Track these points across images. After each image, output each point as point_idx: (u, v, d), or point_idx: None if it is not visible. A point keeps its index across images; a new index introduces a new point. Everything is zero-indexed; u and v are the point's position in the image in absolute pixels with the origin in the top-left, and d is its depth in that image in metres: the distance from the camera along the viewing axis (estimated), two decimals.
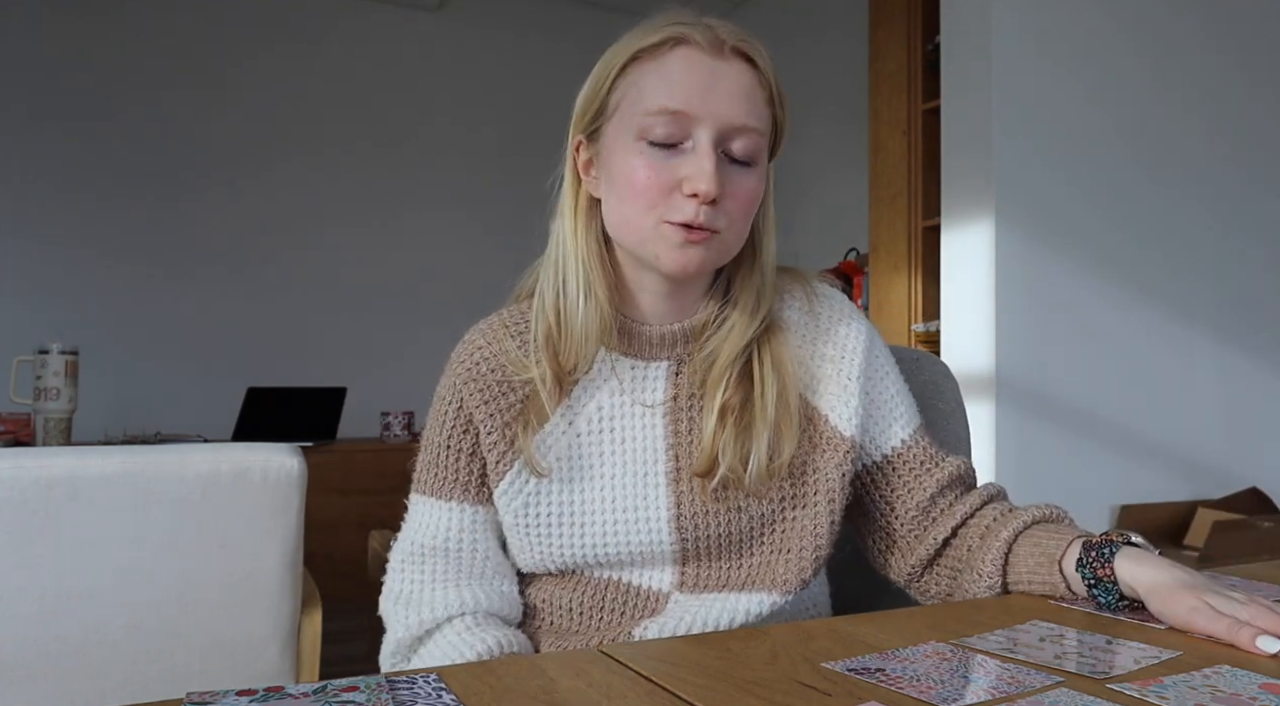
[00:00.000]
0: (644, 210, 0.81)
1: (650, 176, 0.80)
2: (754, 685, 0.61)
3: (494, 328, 0.91)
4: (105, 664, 1.14)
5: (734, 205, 0.82)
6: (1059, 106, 2.41)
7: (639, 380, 0.89)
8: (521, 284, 0.95)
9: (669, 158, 0.81)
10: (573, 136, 0.89)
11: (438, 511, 0.89)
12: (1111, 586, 0.77)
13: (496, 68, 4.58)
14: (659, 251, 0.82)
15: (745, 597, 0.86)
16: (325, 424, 3.53)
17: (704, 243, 0.82)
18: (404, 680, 0.61)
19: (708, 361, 0.88)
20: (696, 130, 0.80)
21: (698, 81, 0.80)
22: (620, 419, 0.88)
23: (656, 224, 0.81)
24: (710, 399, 0.87)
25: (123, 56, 3.98)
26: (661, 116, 0.80)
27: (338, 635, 1.84)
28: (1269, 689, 0.60)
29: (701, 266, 0.83)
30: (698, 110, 0.80)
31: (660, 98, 0.80)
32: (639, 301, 0.89)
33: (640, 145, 0.81)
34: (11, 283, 3.79)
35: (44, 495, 1.11)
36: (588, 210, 0.88)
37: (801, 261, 4.02)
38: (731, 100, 0.81)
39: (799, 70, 4.27)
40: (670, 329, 0.89)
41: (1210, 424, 2.64)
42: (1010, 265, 2.33)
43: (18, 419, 2.61)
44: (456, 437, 0.88)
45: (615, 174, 0.83)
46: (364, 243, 4.34)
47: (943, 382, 1.13)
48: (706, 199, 0.79)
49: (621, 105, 0.83)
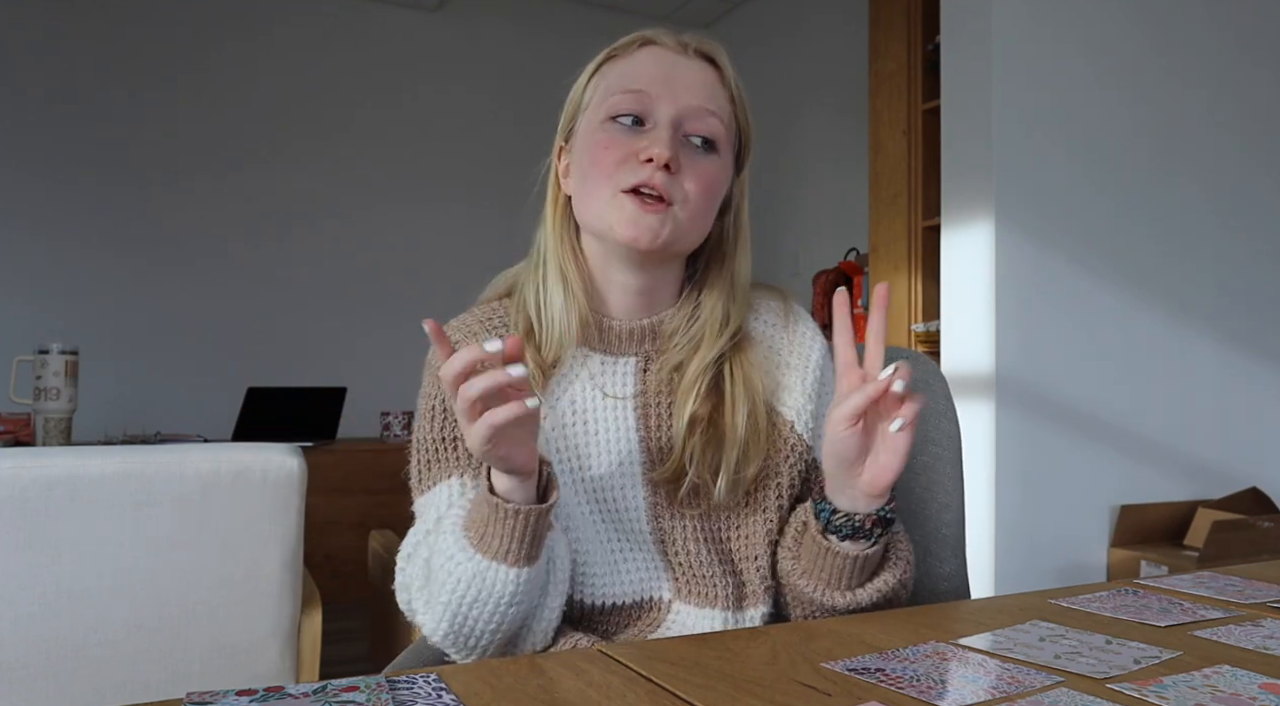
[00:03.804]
0: (603, 180, 0.85)
1: (611, 149, 0.85)
2: (754, 685, 0.61)
3: (470, 324, 0.92)
4: (105, 664, 1.14)
5: (692, 183, 0.85)
6: (1059, 106, 2.41)
7: (608, 374, 0.91)
8: (491, 287, 0.97)
9: (630, 134, 0.85)
10: (556, 143, 0.94)
11: (442, 492, 0.86)
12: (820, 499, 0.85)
13: (497, 67, 4.58)
14: (613, 221, 0.85)
15: (736, 615, 0.88)
16: (325, 424, 3.53)
17: (659, 214, 0.84)
18: (404, 680, 0.61)
19: (674, 367, 0.90)
20: (657, 109, 0.86)
21: (661, 70, 0.87)
22: (593, 411, 0.90)
23: (614, 194, 0.85)
24: (680, 407, 0.89)
25: (125, 57, 3.98)
26: (625, 95, 0.86)
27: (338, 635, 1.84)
28: (1269, 689, 0.60)
29: (654, 239, 0.84)
30: (659, 91, 0.86)
31: (625, 82, 0.87)
32: (608, 296, 0.92)
33: (605, 125, 0.86)
34: (11, 282, 3.79)
35: (44, 495, 1.11)
36: (564, 210, 0.92)
37: (802, 261, 4.04)
38: (691, 87, 0.87)
39: (799, 70, 4.27)
40: (639, 324, 0.91)
41: (1210, 424, 2.64)
42: (1010, 265, 2.33)
43: (18, 419, 2.61)
44: (446, 428, 0.88)
45: (582, 156, 0.88)
46: (364, 243, 4.35)
47: (933, 381, 1.14)
48: (660, 161, 0.83)
49: (593, 101, 0.89)
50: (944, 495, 1.10)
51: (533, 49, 4.58)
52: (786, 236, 4.22)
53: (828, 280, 3.52)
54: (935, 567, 1.08)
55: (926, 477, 1.11)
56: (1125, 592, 0.90)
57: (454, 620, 0.76)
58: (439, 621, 0.78)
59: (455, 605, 0.76)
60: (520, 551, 0.74)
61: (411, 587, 0.82)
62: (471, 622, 0.76)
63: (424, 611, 0.80)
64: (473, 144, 4.50)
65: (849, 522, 0.83)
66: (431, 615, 0.78)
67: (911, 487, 1.09)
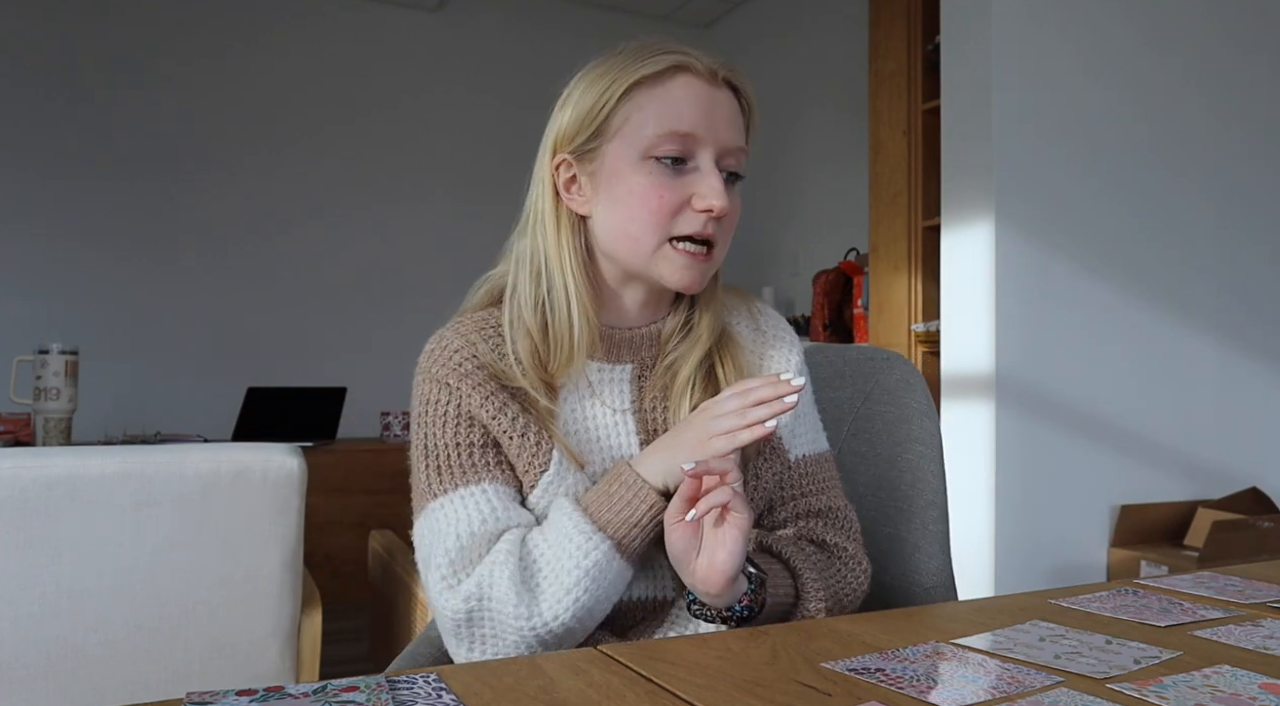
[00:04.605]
0: (653, 227, 0.86)
1: (663, 195, 0.85)
2: (754, 685, 0.61)
3: (465, 333, 0.90)
4: (105, 664, 1.14)
5: (727, 221, 0.88)
6: (1059, 106, 2.41)
7: (605, 383, 0.92)
8: (471, 297, 0.96)
9: (675, 177, 0.86)
10: (553, 155, 0.90)
11: (475, 496, 0.85)
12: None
13: (497, 67, 4.58)
14: (664, 271, 0.87)
15: None
16: (325, 424, 3.53)
17: (705, 263, 0.88)
18: (404, 680, 0.61)
19: (670, 370, 0.92)
20: (700, 151, 0.86)
21: (701, 110, 0.87)
22: (595, 420, 0.91)
23: (662, 242, 0.86)
24: (676, 406, 0.90)
25: (126, 57, 3.98)
26: (671, 138, 0.85)
27: (338, 635, 1.84)
28: (1269, 689, 0.60)
29: (702, 283, 0.89)
30: (703, 133, 0.86)
31: (669, 122, 0.86)
32: (614, 307, 0.93)
33: (648, 165, 0.86)
34: (11, 282, 3.79)
35: (44, 495, 1.11)
36: (572, 226, 0.90)
37: (802, 261, 4.04)
38: (727, 125, 0.88)
39: (799, 70, 4.27)
40: (640, 332, 0.93)
41: (1210, 424, 2.64)
42: (1010, 265, 2.33)
43: (18, 419, 2.61)
44: (464, 432, 0.86)
45: (621, 193, 0.87)
46: (364, 243, 4.35)
47: (913, 381, 1.16)
48: (721, 214, 0.86)
49: (625, 128, 0.87)
50: (930, 492, 1.12)
51: (533, 49, 4.58)
52: (786, 236, 4.22)
53: (828, 280, 3.52)
54: (924, 563, 1.09)
55: (912, 475, 1.12)
56: (1125, 592, 0.90)
57: (579, 611, 0.80)
58: (559, 613, 0.79)
59: (590, 594, 0.80)
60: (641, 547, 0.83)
61: (493, 585, 0.80)
62: (596, 614, 0.82)
63: (530, 603, 0.79)
64: (473, 144, 4.50)
65: (703, 612, 0.84)
66: (549, 608, 0.79)
67: (898, 485, 1.11)
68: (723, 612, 0.82)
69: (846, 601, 0.91)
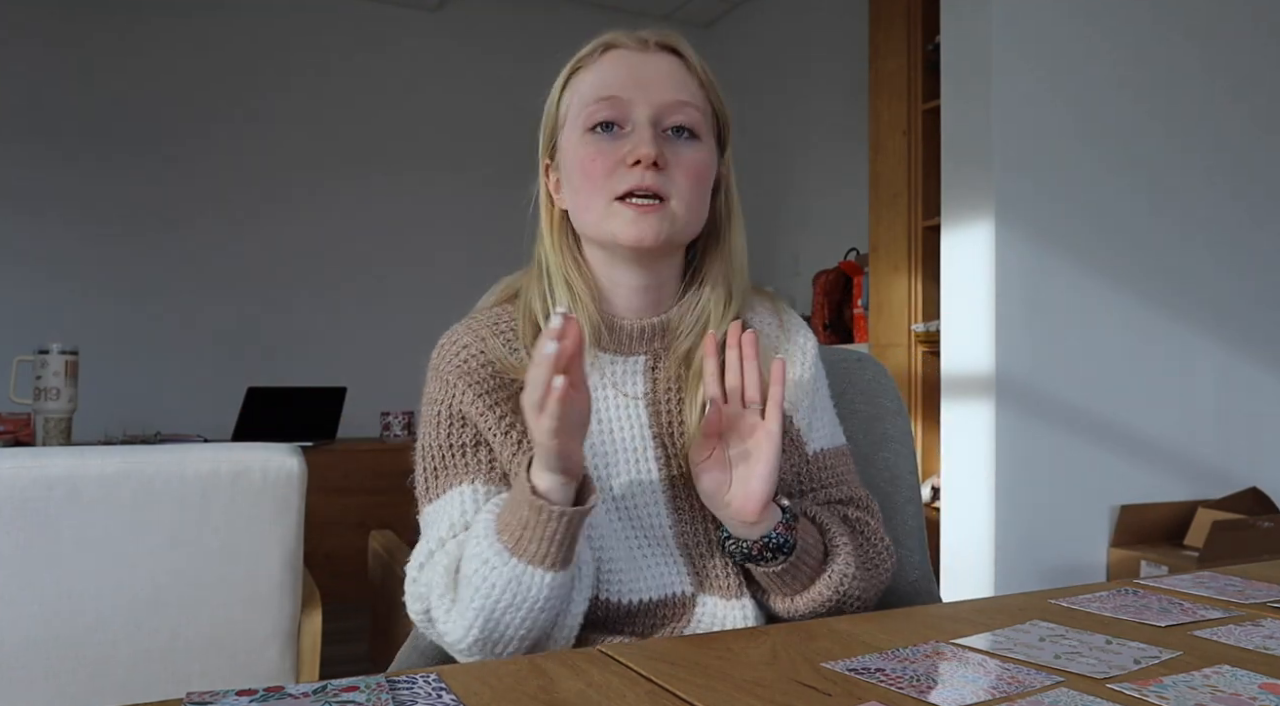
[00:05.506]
0: (596, 191, 0.87)
1: (596, 159, 0.87)
2: (754, 685, 0.61)
3: (476, 329, 0.92)
4: (105, 664, 1.14)
5: (681, 174, 0.87)
6: (1059, 106, 2.41)
7: (619, 373, 0.92)
8: (491, 293, 0.98)
9: (611, 141, 0.87)
10: (541, 161, 0.95)
11: (455, 498, 0.85)
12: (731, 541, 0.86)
13: (497, 67, 4.58)
14: (614, 229, 0.87)
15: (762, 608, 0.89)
16: (325, 424, 3.53)
17: (657, 212, 0.86)
18: (404, 680, 0.61)
19: (684, 358, 0.92)
20: (633, 112, 0.87)
21: (629, 72, 0.89)
22: (607, 411, 0.91)
23: (608, 203, 0.87)
24: (691, 394, 0.90)
25: (126, 56, 3.98)
26: (600, 104, 0.87)
27: (338, 635, 1.84)
28: (1269, 689, 0.60)
29: (658, 236, 0.86)
30: (631, 93, 0.87)
31: (597, 90, 0.88)
32: (615, 298, 0.93)
33: (586, 137, 0.88)
34: (12, 282, 3.79)
35: (44, 495, 1.11)
36: (561, 224, 0.94)
37: (802, 261, 4.03)
38: (661, 82, 0.89)
39: (799, 70, 4.27)
40: (648, 323, 0.93)
41: (1210, 424, 2.64)
42: (1010, 265, 2.33)
43: (18, 419, 2.61)
44: (455, 433, 0.88)
45: (572, 171, 0.90)
46: (364, 243, 4.35)
47: (884, 381, 1.18)
48: (647, 161, 0.85)
49: (569, 113, 0.91)
50: (907, 489, 1.14)
51: (533, 48, 4.57)
52: (786, 236, 4.22)
53: (828, 280, 3.52)
54: (906, 558, 1.10)
55: (889, 473, 1.14)
56: (1125, 592, 0.90)
57: (485, 626, 0.76)
58: (469, 627, 0.77)
59: (489, 611, 0.76)
60: (558, 555, 0.75)
61: (430, 596, 0.81)
62: (503, 628, 0.76)
63: (448, 619, 0.79)
64: (473, 144, 4.50)
65: (739, 548, 0.84)
66: (460, 622, 0.77)
67: (876, 483, 1.12)
68: (759, 544, 0.82)
69: (874, 574, 0.90)
